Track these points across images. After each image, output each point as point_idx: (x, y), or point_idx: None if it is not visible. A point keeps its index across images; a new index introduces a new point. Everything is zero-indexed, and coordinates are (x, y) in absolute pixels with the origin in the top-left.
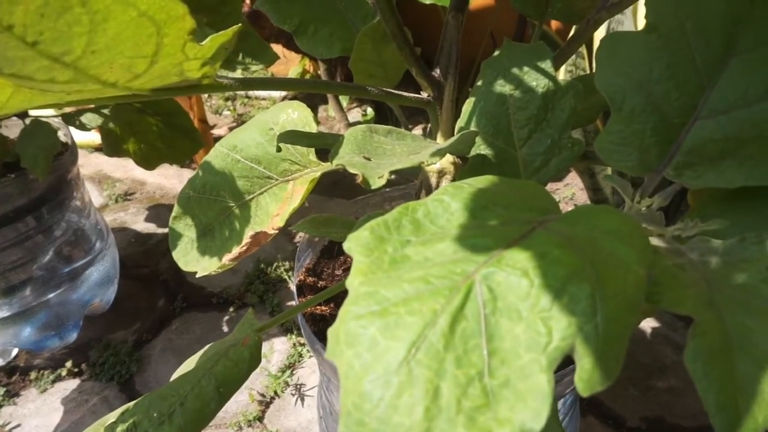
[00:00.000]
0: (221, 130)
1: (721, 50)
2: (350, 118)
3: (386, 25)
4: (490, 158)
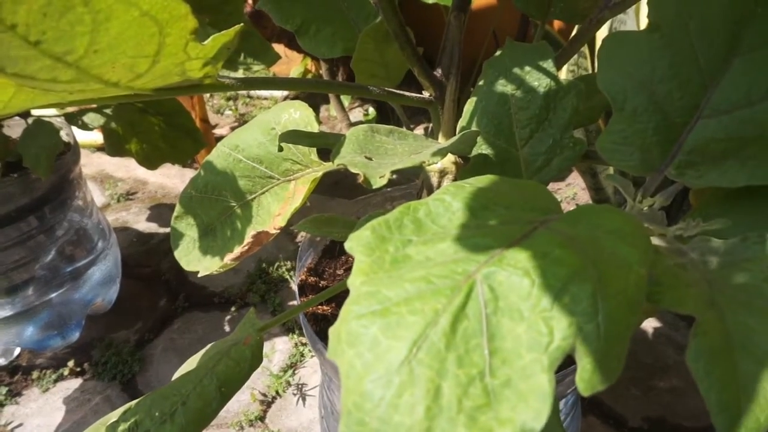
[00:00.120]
0: (223, 129)
1: (724, 50)
2: (352, 117)
3: (388, 24)
4: (491, 158)
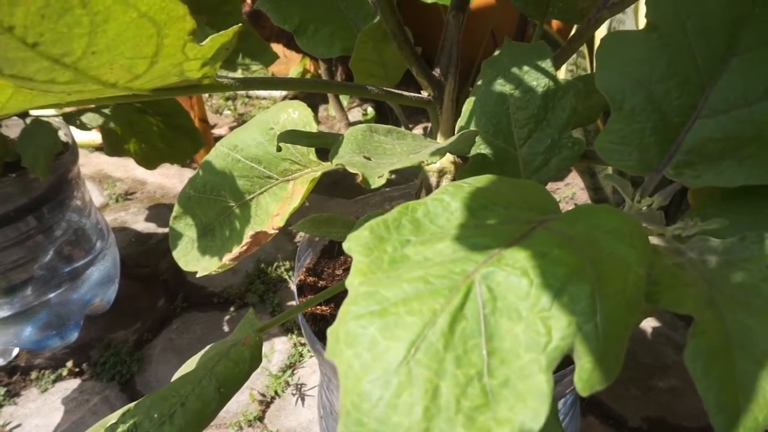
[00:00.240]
0: (222, 129)
1: (721, 49)
2: (351, 117)
3: (387, 24)
4: (490, 157)
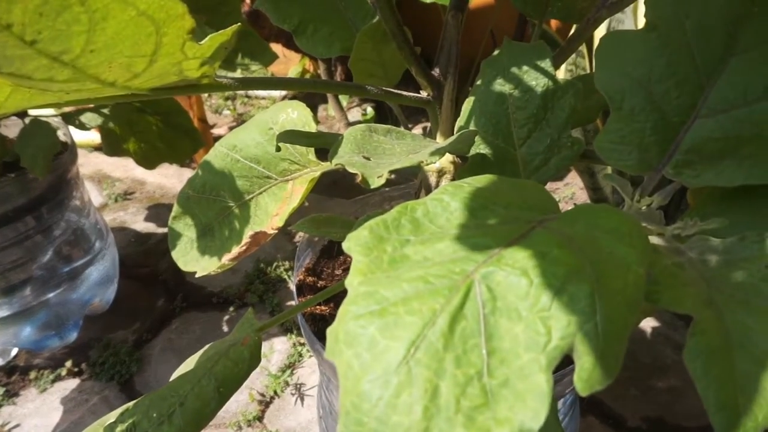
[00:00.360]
0: (221, 129)
1: (720, 49)
2: (350, 117)
3: (386, 24)
4: (489, 157)
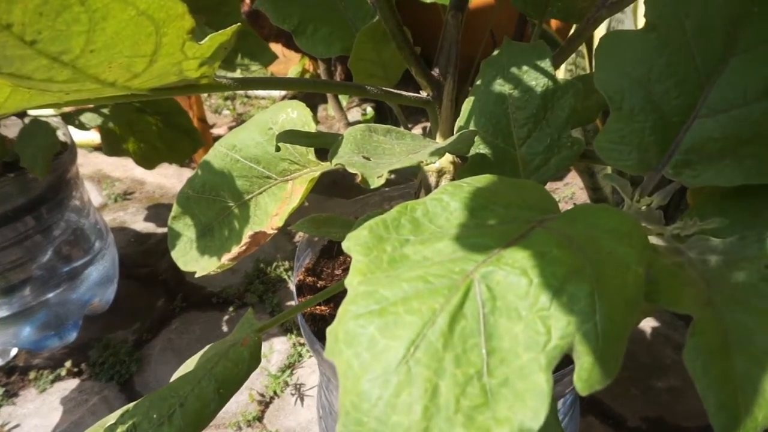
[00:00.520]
0: (221, 129)
1: (720, 49)
2: (350, 117)
3: (386, 24)
4: (489, 157)
